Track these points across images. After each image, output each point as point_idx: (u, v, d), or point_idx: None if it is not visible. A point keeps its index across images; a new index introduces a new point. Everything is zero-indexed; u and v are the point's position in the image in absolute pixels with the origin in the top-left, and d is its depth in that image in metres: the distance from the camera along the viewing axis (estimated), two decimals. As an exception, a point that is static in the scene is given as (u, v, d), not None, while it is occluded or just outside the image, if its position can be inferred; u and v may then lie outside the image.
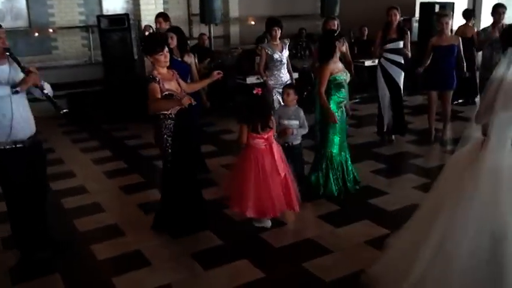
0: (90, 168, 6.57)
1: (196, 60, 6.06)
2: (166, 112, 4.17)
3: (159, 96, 4.07)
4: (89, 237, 4.55)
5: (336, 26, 6.57)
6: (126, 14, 9.24)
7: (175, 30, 5.66)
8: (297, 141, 5.03)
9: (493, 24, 6.70)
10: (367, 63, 9.60)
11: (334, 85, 5.04)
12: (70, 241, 4.44)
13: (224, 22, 11.73)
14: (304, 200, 4.79)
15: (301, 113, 4.97)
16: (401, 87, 6.89)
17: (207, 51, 9.54)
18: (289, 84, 5.58)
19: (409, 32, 6.87)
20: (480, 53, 7.89)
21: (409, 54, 6.76)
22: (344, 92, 5.16)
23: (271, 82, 6.45)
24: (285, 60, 6.54)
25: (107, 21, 8.87)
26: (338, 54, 5.10)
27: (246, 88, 8.57)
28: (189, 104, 4.00)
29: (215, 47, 10.55)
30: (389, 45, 6.69)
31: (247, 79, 8.60)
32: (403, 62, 6.79)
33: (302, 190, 4.71)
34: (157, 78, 4.09)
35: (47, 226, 4.18)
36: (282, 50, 6.51)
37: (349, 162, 5.35)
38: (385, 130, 6.98)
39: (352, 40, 11.15)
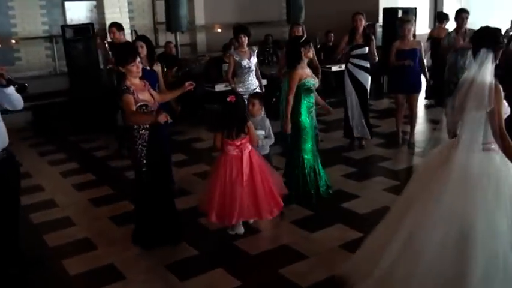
0: (59, 181, 6.44)
1: (165, 69, 6.03)
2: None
3: (134, 107, 4.02)
4: (60, 252, 4.45)
5: (302, 32, 6.65)
6: (91, 24, 9.11)
7: (144, 39, 5.62)
8: (265, 151, 4.97)
9: (457, 29, 6.87)
10: (334, 68, 9.71)
11: (304, 90, 5.09)
12: (40, 257, 4.34)
13: (190, 30, 11.69)
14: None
15: (267, 123, 4.94)
16: (368, 91, 7.00)
17: (174, 60, 9.50)
18: (254, 93, 5.54)
19: (373, 37, 6.99)
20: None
21: (376, 59, 6.88)
22: (313, 97, 5.22)
23: (239, 89, 6.44)
24: (253, 67, 6.55)
25: (71, 31, 8.72)
26: (305, 60, 5.15)
27: (215, 96, 8.57)
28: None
29: (182, 55, 10.51)
30: (356, 51, 6.79)
31: (216, 87, 8.59)
32: (369, 66, 6.91)
33: None
34: (131, 89, 4.04)
35: (18, 242, 4.07)
36: (250, 57, 6.51)
37: (320, 167, 5.39)
38: (355, 135, 7.05)
39: (318, 46, 11.27)
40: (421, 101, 9.60)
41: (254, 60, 6.55)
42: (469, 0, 12.82)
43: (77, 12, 11.30)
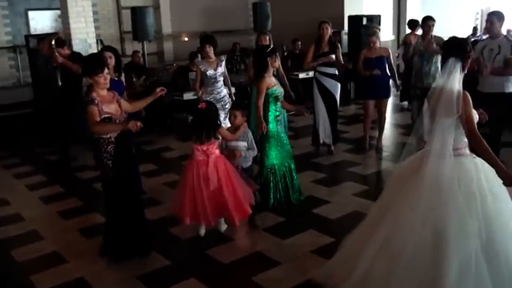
0: (25, 194, 6.29)
1: (134, 79, 5.99)
2: (105, 136, 4.05)
3: (98, 119, 3.97)
4: (29, 267, 4.34)
5: (268, 40, 6.69)
6: (56, 33, 8.97)
7: (112, 49, 5.57)
8: (247, 164, 4.92)
9: (423, 36, 7.01)
10: (301, 75, 9.81)
11: (272, 99, 5.13)
12: (8, 273, 4.23)
13: (157, 39, 11.64)
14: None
15: (249, 134, 4.90)
16: (338, 99, 7.08)
17: (141, 69, 9.44)
18: (236, 105, 5.45)
19: (339, 45, 7.10)
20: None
21: (345, 66, 7.00)
22: (279, 106, 5.26)
23: (206, 98, 6.43)
24: (220, 77, 6.50)
25: (35, 41, 8.57)
26: (272, 69, 5.19)
27: (184, 104, 8.55)
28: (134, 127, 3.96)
29: (149, 64, 10.46)
30: (322, 59, 6.87)
31: (184, 95, 8.57)
32: (337, 73, 7.00)
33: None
34: (96, 101, 3.98)
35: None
36: (217, 67, 6.47)
37: (294, 173, 5.42)
38: (321, 142, 7.11)
39: (285, 53, 11.37)
40: (390, 105, 9.83)
41: (221, 69, 6.50)
42: (430, 8, 13.14)
43: (41, 22, 11.13)
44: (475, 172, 3.22)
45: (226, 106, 6.36)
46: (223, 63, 6.57)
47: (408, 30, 10.04)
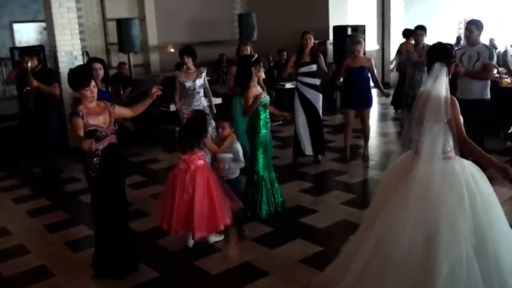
0: (11, 208, 6.24)
1: (121, 91, 5.99)
2: (92, 149, 3.96)
3: (82, 131, 3.90)
4: (16, 281, 4.31)
5: (249, 51, 6.73)
6: (41, 45, 8.95)
7: (101, 61, 5.58)
8: (233, 175, 4.92)
9: (415, 45, 7.11)
10: (288, 85, 9.87)
11: (262, 106, 5.20)
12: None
13: (143, 50, 11.64)
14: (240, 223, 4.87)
15: (236, 146, 4.89)
16: (320, 109, 7.09)
17: (128, 81, 9.43)
18: (224, 117, 5.48)
19: (321, 55, 7.13)
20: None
21: (328, 75, 7.07)
22: (267, 113, 5.33)
23: (184, 110, 6.46)
24: (199, 89, 6.49)
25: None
26: (256, 79, 5.27)
27: (171, 116, 8.54)
28: (117, 140, 3.98)
29: (136, 75, 10.45)
30: (303, 69, 6.91)
31: (171, 106, 8.55)
32: (318, 84, 7.04)
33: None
34: (81, 113, 3.93)
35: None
36: (196, 79, 6.46)
37: (276, 182, 5.47)
38: (309, 154, 7.13)
39: (271, 64, 11.44)
40: (376, 114, 9.94)
41: (200, 81, 6.49)
42: (413, 18, 13.32)
43: (26, 34, 11.13)
44: (463, 174, 3.28)
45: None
46: (203, 74, 6.55)
47: (394, 40, 10.19)
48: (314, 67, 6.92)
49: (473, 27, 5.88)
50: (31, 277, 4.36)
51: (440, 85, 3.33)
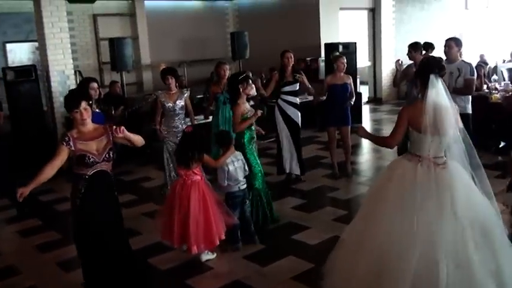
0: (2, 228, 6.21)
1: (113, 111, 6.01)
2: (81, 172, 3.76)
3: (57, 159, 3.76)
4: (5, 302, 4.28)
5: (227, 69, 6.78)
6: (34, 65, 8.97)
7: (96, 81, 5.57)
8: (243, 186, 5.01)
9: (414, 63, 7.08)
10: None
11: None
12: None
13: (136, 69, 11.70)
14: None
15: (239, 155, 5.04)
16: (300, 126, 7.08)
17: (120, 99, 9.45)
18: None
19: (302, 72, 7.15)
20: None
21: (312, 89, 7.13)
22: (254, 130, 5.46)
23: (163, 131, 6.51)
24: (179, 111, 6.51)
25: (13, 73, 8.54)
26: (244, 96, 5.34)
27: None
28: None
29: (128, 94, 10.48)
30: (287, 88, 6.92)
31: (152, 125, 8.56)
32: (298, 103, 7.07)
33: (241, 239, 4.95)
34: (67, 138, 3.72)
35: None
36: (177, 100, 6.48)
37: (268, 195, 5.60)
38: (287, 171, 7.10)
39: (264, 81, 11.48)
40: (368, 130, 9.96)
41: (181, 103, 6.51)
42: (404, 36, 13.48)
43: (19, 54, 11.16)
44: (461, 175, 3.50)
45: None
46: (185, 96, 6.58)
47: (386, 56, 10.28)
48: (297, 86, 6.97)
49: (452, 43, 6.00)
50: (21, 298, 4.33)
51: (444, 96, 3.50)
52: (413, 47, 6.86)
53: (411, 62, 6.92)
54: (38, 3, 8.32)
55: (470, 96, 6.07)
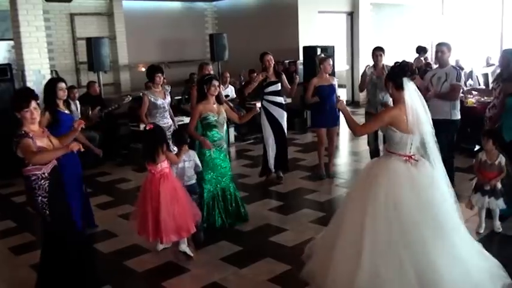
0: (-26, 230, 6.07)
1: (89, 111, 5.94)
2: (38, 172, 3.82)
3: (35, 149, 3.76)
4: (-24, 306, 4.19)
5: (211, 70, 6.78)
6: (9, 64, 8.81)
7: (64, 80, 5.49)
8: (191, 182, 5.18)
9: (374, 65, 7.14)
10: (259, 104, 9.87)
11: (204, 125, 5.40)
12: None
13: (114, 69, 11.60)
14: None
15: (191, 152, 5.18)
16: (285, 127, 7.16)
17: (97, 100, 9.35)
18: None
19: (283, 73, 7.32)
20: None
21: (292, 92, 7.22)
22: (217, 132, 5.45)
23: None
24: (167, 107, 6.65)
25: (-12, 71, 8.39)
26: (210, 97, 5.39)
27: (141, 134, 8.47)
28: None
29: (105, 94, 10.38)
30: (270, 88, 6.99)
31: (141, 125, 8.50)
32: (283, 102, 7.15)
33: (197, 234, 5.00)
34: (31, 134, 3.78)
35: None
36: (165, 97, 6.61)
37: (234, 196, 5.61)
38: (273, 171, 7.16)
39: (243, 83, 11.48)
40: (346, 133, 10.05)
41: (168, 99, 6.68)
42: (382, 39, 13.62)
43: (-6, 52, 10.96)
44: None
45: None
46: (169, 92, 6.78)
47: (363, 60, 10.40)
48: (279, 86, 7.04)
49: (445, 48, 6.05)
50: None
51: (417, 97, 3.80)
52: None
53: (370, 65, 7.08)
54: (14, 1, 8.17)
55: (458, 103, 6.09)
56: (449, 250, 3.61)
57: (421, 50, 11.48)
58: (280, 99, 7.08)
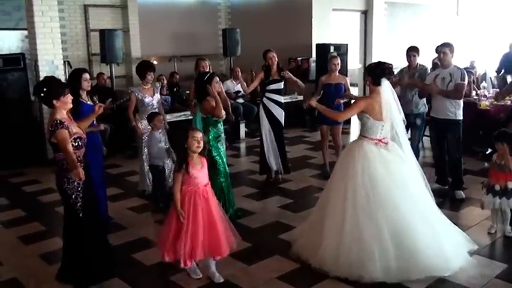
0: (-16, 218, 6.11)
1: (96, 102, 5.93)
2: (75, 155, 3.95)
3: (70, 145, 3.89)
4: (-15, 294, 4.21)
5: (207, 66, 6.71)
6: (22, 54, 8.86)
7: (88, 71, 5.48)
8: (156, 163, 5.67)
9: (408, 66, 7.01)
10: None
11: (212, 122, 5.38)
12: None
13: (126, 62, 11.61)
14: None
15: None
16: (283, 125, 7.05)
17: (107, 91, 9.37)
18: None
19: (288, 71, 7.17)
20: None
21: (301, 84, 7.09)
22: (221, 127, 5.49)
23: (142, 127, 6.41)
24: (156, 104, 6.52)
25: (0, 60, 8.42)
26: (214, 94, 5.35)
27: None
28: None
29: (117, 86, 10.40)
30: (272, 86, 6.90)
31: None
32: (283, 101, 7.06)
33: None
34: (66, 123, 3.93)
35: None
36: (154, 94, 6.49)
37: (226, 190, 5.58)
38: (275, 168, 7.08)
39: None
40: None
41: (157, 97, 6.56)
42: (395, 39, 13.53)
43: (7, 42, 11.00)
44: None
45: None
46: (159, 90, 6.68)
47: (377, 59, 10.27)
48: (282, 84, 6.97)
49: (447, 49, 6.03)
50: (2, 290, 4.26)
51: (390, 93, 4.49)
52: (417, 51, 6.86)
53: (404, 66, 6.95)
54: (29, -9, 8.21)
55: (461, 103, 6.07)
56: (422, 215, 4.30)
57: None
58: (280, 98, 6.96)
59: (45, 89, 3.97)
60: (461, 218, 5.64)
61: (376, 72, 4.53)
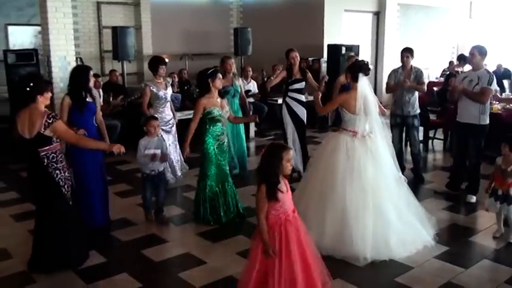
0: (-4, 211, 6.17)
1: (111, 98, 5.99)
2: (59, 148, 4.31)
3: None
4: (-5, 286, 4.24)
5: (233, 65, 6.78)
6: (35, 49, 8.93)
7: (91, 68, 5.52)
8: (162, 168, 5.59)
9: (402, 68, 7.01)
10: (280, 101, 9.87)
11: (209, 119, 5.32)
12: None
13: (138, 59, 11.65)
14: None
15: (163, 143, 5.56)
16: (305, 124, 7.16)
17: (118, 88, 9.42)
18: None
19: (308, 71, 7.28)
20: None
21: (321, 88, 7.07)
22: (220, 126, 5.40)
23: None
24: (169, 98, 6.66)
25: (14, 56, 8.51)
26: (215, 90, 5.35)
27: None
28: None
29: (129, 83, 10.45)
30: (295, 85, 6.97)
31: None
32: (305, 100, 7.11)
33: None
34: (58, 116, 4.25)
35: None
36: (166, 88, 6.64)
37: (232, 194, 5.55)
38: (302, 171, 7.07)
39: (265, 79, 11.47)
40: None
41: (170, 91, 6.72)
42: (408, 40, 13.47)
43: (21, 37, 11.09)
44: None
45: (173, 128, 6.72)
46: (170, 84, 6.86)
47: (388, 61, 10.26)
48: (303, 84, 7.03)
49: (475, 51, 5.96)
50: (10, 283, 4.30)
51: (367, 89, 4.82)
52: (411, 52, 6.85)
53: (397, 67, 6.97)
54: (43, -13, 8.26)
55: (487, 108, 6.00)
56: (373, 204, 4.60)
57: (461, 59, 11.32)
58: (302, 98, 7.05)
59: (31, 84, 4.13)
60: (471, 222, 5.65)
61: (354, 69, 4.94)
